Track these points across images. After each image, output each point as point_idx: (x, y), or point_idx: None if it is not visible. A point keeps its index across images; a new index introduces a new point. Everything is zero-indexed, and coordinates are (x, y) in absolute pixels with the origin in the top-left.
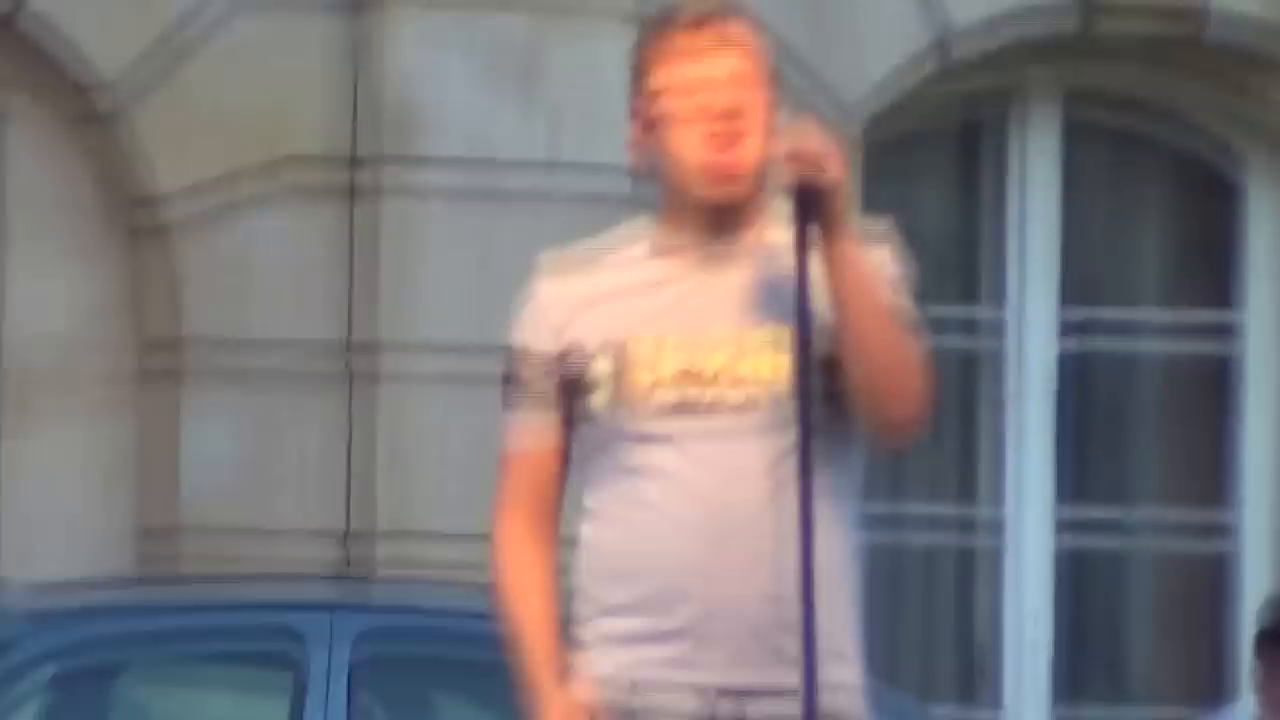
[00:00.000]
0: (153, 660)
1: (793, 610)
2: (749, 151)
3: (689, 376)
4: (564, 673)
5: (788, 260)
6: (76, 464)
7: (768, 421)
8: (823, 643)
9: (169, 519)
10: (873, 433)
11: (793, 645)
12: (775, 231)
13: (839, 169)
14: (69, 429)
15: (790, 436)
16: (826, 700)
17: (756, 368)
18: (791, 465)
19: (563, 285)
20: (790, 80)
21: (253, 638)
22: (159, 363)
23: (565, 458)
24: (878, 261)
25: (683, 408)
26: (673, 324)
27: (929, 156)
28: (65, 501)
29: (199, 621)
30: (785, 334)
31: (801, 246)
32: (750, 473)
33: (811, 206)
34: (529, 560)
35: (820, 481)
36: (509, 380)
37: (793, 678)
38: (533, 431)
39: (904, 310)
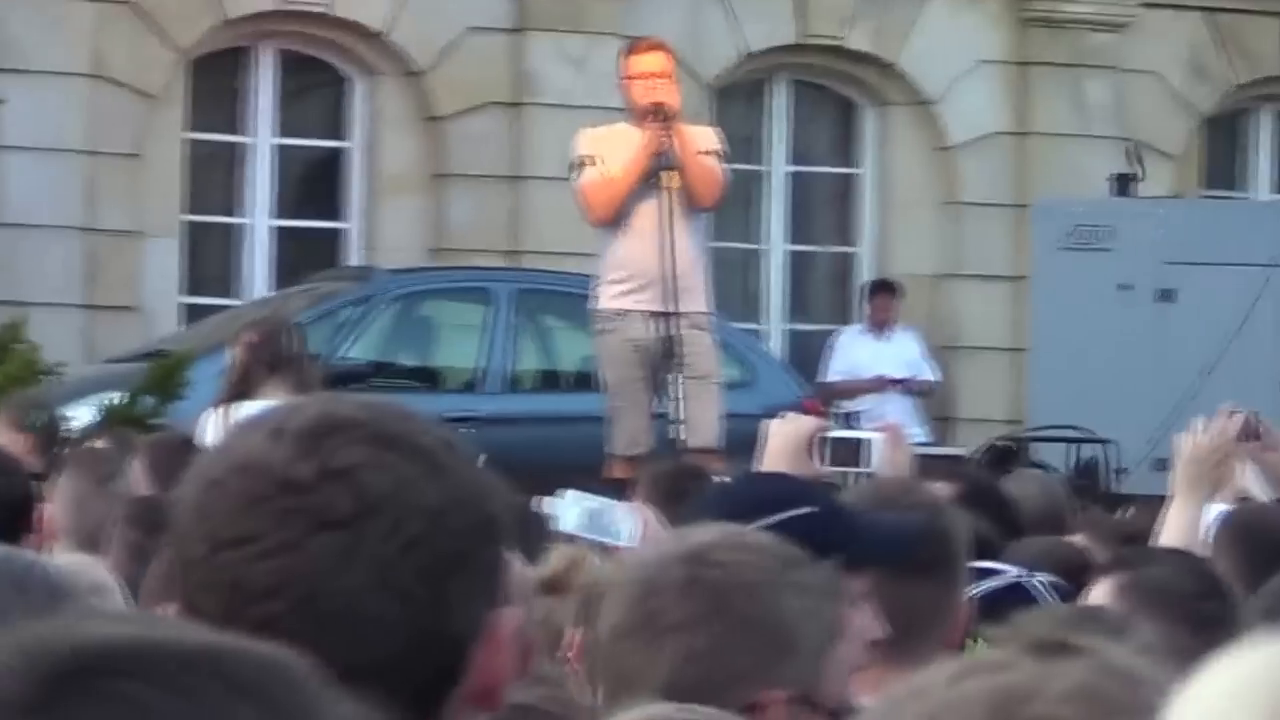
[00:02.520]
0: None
1: (685, 278)
2: (666, 94)
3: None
4: None
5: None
6: None
7: (679, 206)
8: (692, 291)
9: None
10: (701, 204)
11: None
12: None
13: (678, 105)
14: None
15: (686, 212)
16: (689, 317)
17: (670, 176)
18: (683, 219)
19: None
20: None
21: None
22: None
23: None
24: (707, 141)
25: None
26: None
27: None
28: None
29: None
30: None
31: (669, 139)
32: (680, 227)
33: (668, 122)
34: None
35: (692, 223)
36: None
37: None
38: None
39: (713, 161)
